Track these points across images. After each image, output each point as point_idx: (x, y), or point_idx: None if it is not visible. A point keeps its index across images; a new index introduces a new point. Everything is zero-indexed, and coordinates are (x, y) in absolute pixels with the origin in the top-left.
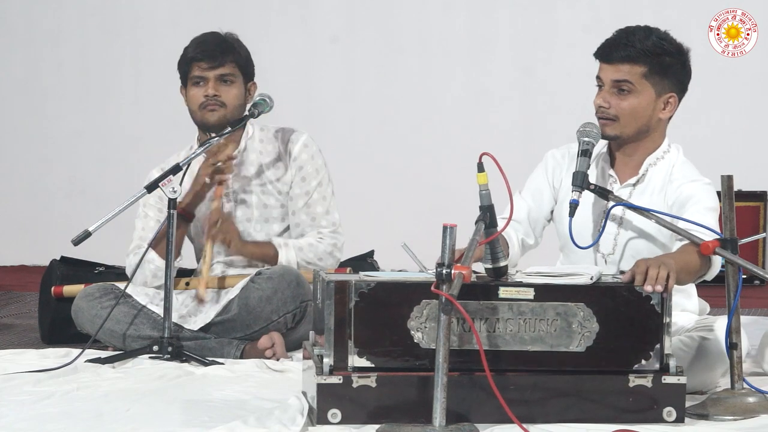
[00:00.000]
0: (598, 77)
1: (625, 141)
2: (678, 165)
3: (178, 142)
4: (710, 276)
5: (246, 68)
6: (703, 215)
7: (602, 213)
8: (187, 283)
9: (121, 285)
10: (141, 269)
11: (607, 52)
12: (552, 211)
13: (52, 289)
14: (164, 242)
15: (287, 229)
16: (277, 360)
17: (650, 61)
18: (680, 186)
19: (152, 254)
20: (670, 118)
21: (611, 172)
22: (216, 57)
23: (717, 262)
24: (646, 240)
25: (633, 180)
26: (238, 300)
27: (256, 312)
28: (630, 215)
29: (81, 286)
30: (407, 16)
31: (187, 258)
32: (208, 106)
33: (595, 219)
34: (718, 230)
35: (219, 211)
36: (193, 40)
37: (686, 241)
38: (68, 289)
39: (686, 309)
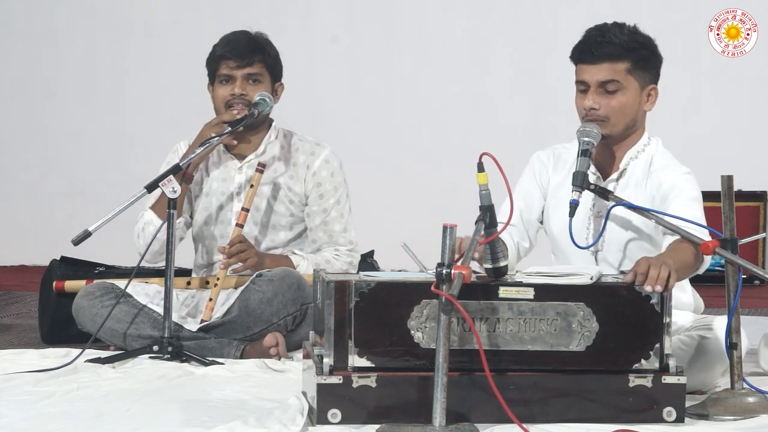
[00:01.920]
0: (580, 81)
1: (615, 140)
2: (657, 155)
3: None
4: (701, 270)
5: (274, 68)
6: (688, 207)
7: (591, 212)
8: (189, 283)
9: (121, 284)
10: (143, 234)
11: (587, 53)
12: (543, 211)
13: (54, 283)
14: (163, 202)
15: (295, 238)
16: (279, 359)
17: (630, 55)
18: (661, 176)
19: (150, 215)
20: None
21: (592, 169)
22: (245, 56)
23: (707, 257)
24: (633, 235)
25: (615, 175)
26: (239, 302)
27: (257, 314)
28: (617, 212)
29: (83, 282)
30: (407, 16)
31: (185, 258)
32: (233, 106)
33: (584, 218)
34: (704, 222)
35: (240, 236)
36: (223, 38)
37: (676, 236)
38: (70, 285)
39: (681, 303)
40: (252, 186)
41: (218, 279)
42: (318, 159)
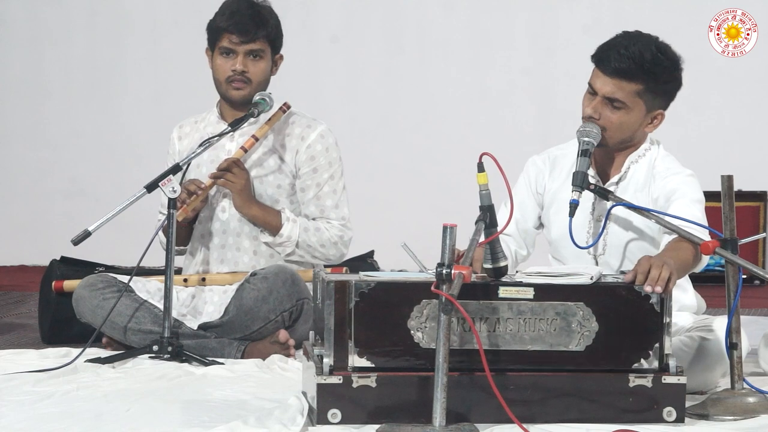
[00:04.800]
0: (591, 84)
1: (608, 149)
2: (659, 159)
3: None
4: (699, 269)
5: (275, 42)
6: (690, 208)
7: (591, 214)
8: (185, 280)
9: (122, 278)
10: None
11: (604, 61)
12: (540, 218)
13: (53, 283)
14: (181, 232)
15: None
16: (289, 356)
17: (646, 79)
18: (664, 179)
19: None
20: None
21: (592, 171)
22: (248, 31)
23: (706, 256)
24: (635, 238)
25: (615, 178)
26: (234, 301)
27: (253, 312)
28: (618, 214)
29: None
30: (408, 15)
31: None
32: (233, 82)
33: (584, 220)
34: (706, 223)
35: (239, 159)
36: (226, 7)
37: (675, 235)
38: (69, 284)
39: (684, 305)
40: (270, 120)
41: (202, 189)
42: (314, 132)
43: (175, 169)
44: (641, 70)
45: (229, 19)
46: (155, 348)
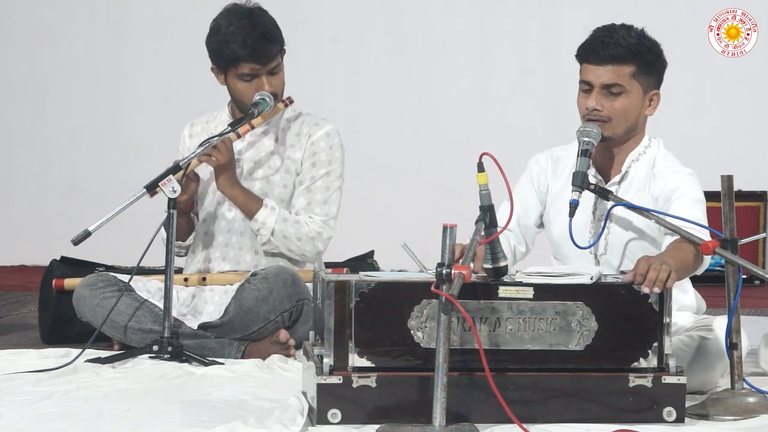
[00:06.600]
0: (584, 81)
1: (615, 142)
2: (659, 157)
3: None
4: (700, 271)
5: (283, 48)
6: (690, 207)
7: (592, 213)
8: (186, 279)
9: (123, 277)
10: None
11: (593, 53)
12: (541, 216)
13: (53, 281)
14: (180, 225)
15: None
16: (289, 356)
17: (636, 59)
18: (664, 178)
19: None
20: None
21: (593, 171)
22: (265, 55)
23: (707, 257)
24: (636, 237)
25: (617, 178)
26: (234, 301)
27: (253, 312)
28: (619, 213)
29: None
30: (409, 16)
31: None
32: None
33: (586, 219)
34: (706, 223)
35: (229, 143)
36: (235, 33)
37: (677, 236)
38: (69, 283)
39: (684, 305)
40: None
41: (189, 165)
42: (320, 130)
43: (174, 168)
44: (629, 52)
45: (243, 47)
46: (155, 348)
